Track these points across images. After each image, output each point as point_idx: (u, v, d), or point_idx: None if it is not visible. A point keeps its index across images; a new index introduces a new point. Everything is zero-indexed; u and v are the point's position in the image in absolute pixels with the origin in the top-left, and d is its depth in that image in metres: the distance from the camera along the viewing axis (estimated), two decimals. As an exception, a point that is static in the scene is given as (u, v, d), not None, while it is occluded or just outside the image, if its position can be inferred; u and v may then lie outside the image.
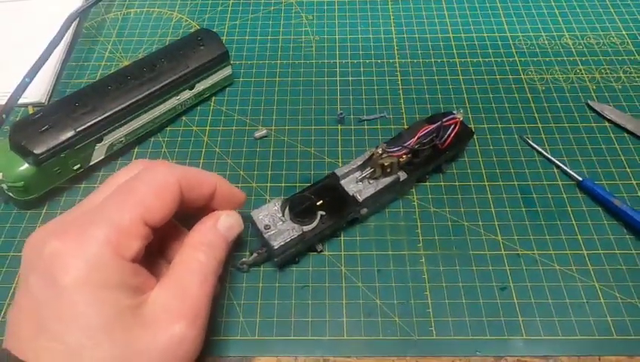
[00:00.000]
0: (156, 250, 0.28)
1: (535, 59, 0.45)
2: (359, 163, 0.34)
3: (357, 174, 0.34)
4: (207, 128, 0.41)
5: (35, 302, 0.21)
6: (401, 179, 0.34)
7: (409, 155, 0.33)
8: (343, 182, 0.33)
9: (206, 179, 0.27)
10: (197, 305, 0.24)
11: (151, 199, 0.23)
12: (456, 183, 0.37)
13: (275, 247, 0.30)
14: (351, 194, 0.33)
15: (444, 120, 0.34)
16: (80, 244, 0.21)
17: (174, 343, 0.22)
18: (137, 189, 0.23)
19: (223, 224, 0.27)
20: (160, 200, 0.23)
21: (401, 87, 0.43)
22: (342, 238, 0.34)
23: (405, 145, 0.33)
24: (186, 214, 0.28)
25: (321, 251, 0.33)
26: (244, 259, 0.32)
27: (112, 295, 0.21)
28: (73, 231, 0.22)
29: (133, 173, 0.25)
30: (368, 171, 0.34)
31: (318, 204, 0.32)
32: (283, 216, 0.31)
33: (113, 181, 0.26)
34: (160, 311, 0.22)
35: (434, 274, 0.32)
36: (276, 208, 0.31)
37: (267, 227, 0.30)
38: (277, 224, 0.31)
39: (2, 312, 0.32)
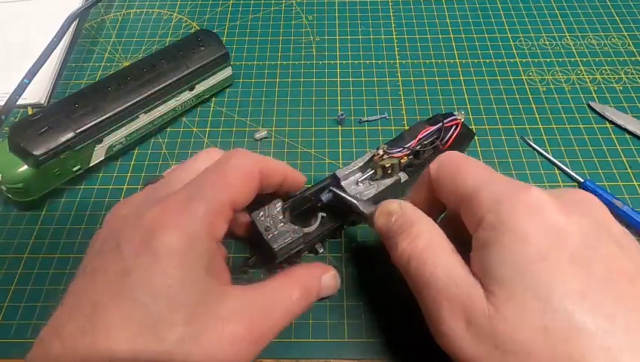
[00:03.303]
0: None
1: (536, 59, 0.45)
2: (360, 164, 0.34)
3: (358, 175, 0.34)
4: (208, 129, 0.41)
5: (121, 269, 0.20)
6: (402, 181, 0.33)
7: (410, 156, 0.33)
8: (343, 183, 0.33)
9: (279, 168, 0.28)
10: (265, 333, 0.23)
11: (239, 184, 0.24)
12: (458, 184, 0.37)
13: (276, 249, 0.29)
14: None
15: (446, 121, 0.34)
16: (181, 218, 0.21)
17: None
18: (227, 173, 0.24)
19: (326, 281, 0.27)
20: (245, 186, 0.24)
21: (401, 87, 0.43)
22: (342, 240, 0.34)
23: (406, 146, 0.33)
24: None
25: (322, 253, 0.33)
26: (245, 262, 0.32)
27: (200, 276, 0.21)
28: (172, 204, 0.21)
29: (211, 159, 0.25)
30: (369, 172, 0.33)
31: (318, 205, 0.32)
32: (283, 217, 0.31)
33: (191, 165, 0.25)
34: (233, 315, 0.21)
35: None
36: (277, 209, 0.31)
37: (267, 229, 0.30)
38: (277, 225, 0.30)
39: (1, 314, 0.31)
